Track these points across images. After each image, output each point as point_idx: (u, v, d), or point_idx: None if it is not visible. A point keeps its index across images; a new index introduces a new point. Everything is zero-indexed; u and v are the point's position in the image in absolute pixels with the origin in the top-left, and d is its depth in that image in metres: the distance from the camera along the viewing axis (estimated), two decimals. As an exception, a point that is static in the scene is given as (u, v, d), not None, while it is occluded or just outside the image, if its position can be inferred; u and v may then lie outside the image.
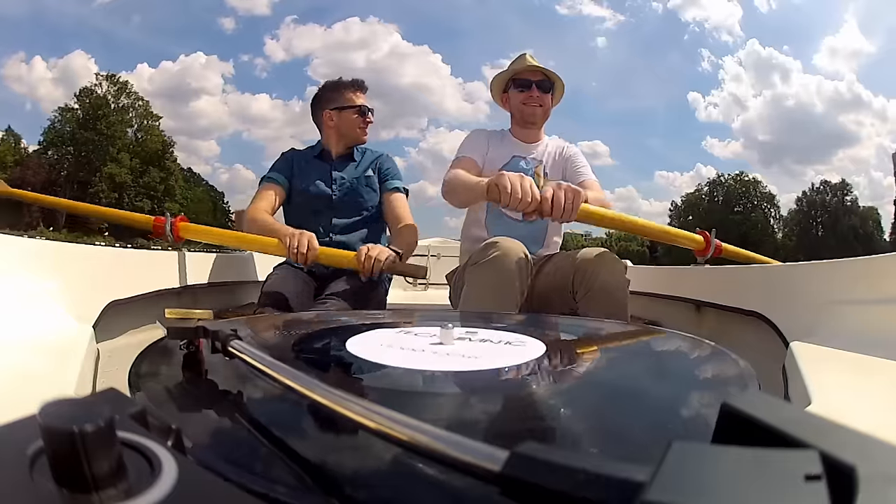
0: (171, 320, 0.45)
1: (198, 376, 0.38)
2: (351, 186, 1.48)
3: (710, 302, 1.31)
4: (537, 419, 0.34)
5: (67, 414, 0.14)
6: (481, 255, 1.12)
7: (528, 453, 0.16)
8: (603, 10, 51.91)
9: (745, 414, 0.16)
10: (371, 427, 0.22)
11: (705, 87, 48.74)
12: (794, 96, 45.57)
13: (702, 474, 0.13)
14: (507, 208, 1.05)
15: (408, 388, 0.39)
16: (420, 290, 2.54)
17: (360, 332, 0.54)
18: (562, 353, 0.54)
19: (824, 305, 0.80)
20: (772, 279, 1.12)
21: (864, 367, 0.56)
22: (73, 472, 0.14)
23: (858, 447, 0.14)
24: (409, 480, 0.23)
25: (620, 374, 0.48)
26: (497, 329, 0.59)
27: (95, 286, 0.91)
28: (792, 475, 0.13)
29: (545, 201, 1.00)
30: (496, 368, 0.42)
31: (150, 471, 0.15)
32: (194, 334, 0.39)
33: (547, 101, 1.43)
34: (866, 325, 0.70)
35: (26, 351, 0.55)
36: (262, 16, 49.42)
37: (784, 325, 0.90)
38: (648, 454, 0.15)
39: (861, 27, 47.07)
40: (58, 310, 0.72)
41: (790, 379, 0.58)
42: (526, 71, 1.42)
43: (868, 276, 0.78)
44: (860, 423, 0.15)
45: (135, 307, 1.04)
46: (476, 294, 1.11)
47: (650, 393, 0.40)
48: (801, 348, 0.62)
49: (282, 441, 0.27)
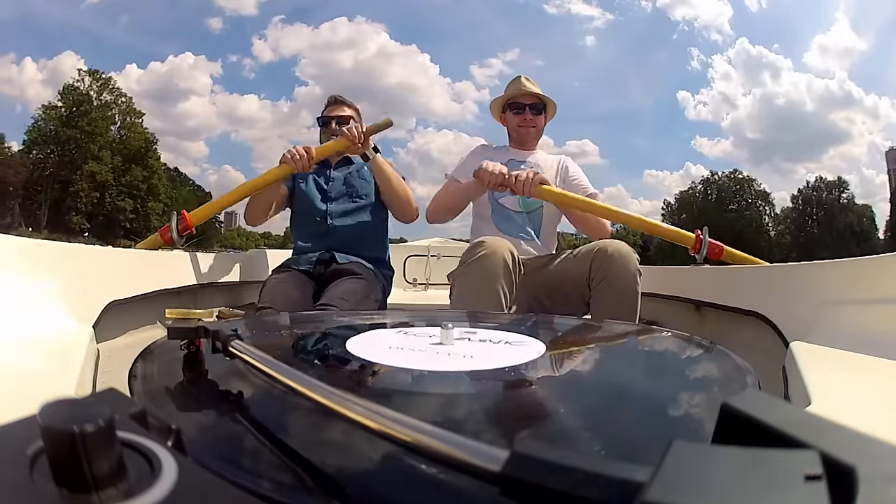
0: (171, 321, 0.45)
1: (198, 376, 0.38)
2: (345, 179, 1.55)
3: (710, 302, 1.31)
4: (537, 419, 0.34)
5: (67, 414, 0.14)
6: (468, 255, 1.18)
7: (528, 453, 0.16)
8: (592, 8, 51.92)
9: (745, 414, 0.16)
10: (371, 427, 0.22)
11: (695, 85, 48.88)
12: (784, 94, 45.58)
13: (702, 474, 0.13)
14: (483, 184, 1.31)
15: (408, 389, 0.39)
16: (420, 290, 2.54)
17: (360, 333, 0.54)
18: (562, 353, 0.54)
19: (824, 305, 0.80)
20: (772, 279, 1.12)
21: (864, 367, 0.56)
22: (73, 473, 0.14)
23: (858, 447, 0.14)
24: (409, 480, 0.23)
25: (620, 374, 0.48)
26: (497, 329, 0.59)
27: (95, 286, 0.91)
28: (792, 475, 0.13)
29: (511, 177, 1.28)
30: (496, 369, 0.41)
31: (150, 471, 0.15)
32: (195, 334, 0.39)
33: (540, 121, 1.58)
34: (866, 325, 0.70)
35: (26, 351, 0.55)
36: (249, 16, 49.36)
37: (784, 325, 0.90)
38: (648, 454, 0.15)
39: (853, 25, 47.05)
40: (58, 310, 0.72)
41: (790, 379, 0.58)
42: (521, 95, 1.56)
43: (868, 276, 0.78)
44: (860, 423, 0.15)
45: (135, 307, 1.04)
46: (464, 294, 1.16)
47: (650, 393, 0.40)
48: (801, 348, 0.62)
49: (282, 441, 0.27)
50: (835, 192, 33.01)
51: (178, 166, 35.99)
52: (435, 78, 54.21)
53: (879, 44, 46.29)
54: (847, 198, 32.84)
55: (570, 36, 54.57)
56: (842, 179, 33.72)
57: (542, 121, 1.59)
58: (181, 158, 43.04)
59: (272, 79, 51.82)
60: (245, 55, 48.90)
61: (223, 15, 47.07)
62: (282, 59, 50.35)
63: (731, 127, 46.68)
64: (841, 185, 33.31)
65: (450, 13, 58.73)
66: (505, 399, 0.38)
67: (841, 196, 32.86)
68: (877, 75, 45.27)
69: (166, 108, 43.34)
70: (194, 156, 45.91)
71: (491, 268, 1.12)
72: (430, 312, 0.86)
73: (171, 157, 38.01)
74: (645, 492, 0.13)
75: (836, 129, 43.35)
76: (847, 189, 33.09)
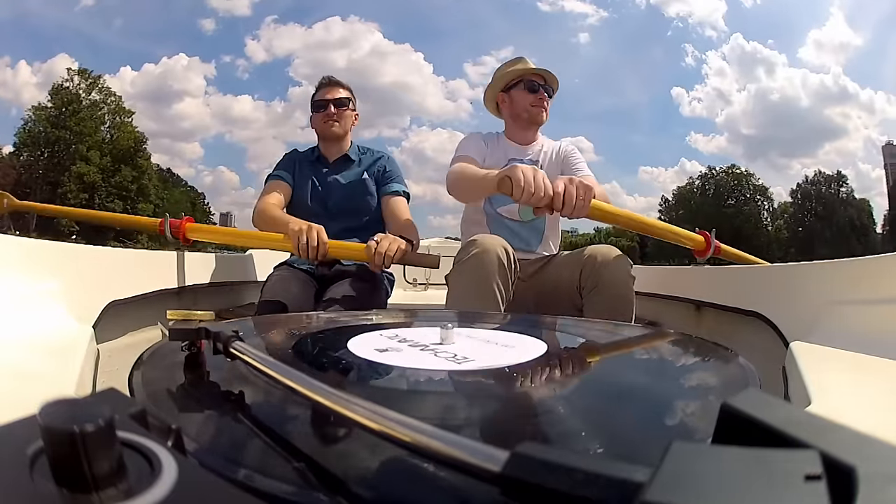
0: (173, 322, 0.45)
1: (198, 377, 0.38)
2: (346, 193, 1.46)
3: (710, 302, 1.31)
4: (537, 419, 0.34)
5: (67, 414, 0.14)
6: (462, 254, 1.13)
7: (528, 453, 0.16)
8: (586, 5, 52.14)
9: (745, 414, 0.16)
10: (372, 427, 0.22)
11: (689, 82, 49.10)
12: (778, 90, 45.68)
13: (702, 474, 0.13)
14: (518, 201, 1.02)
15: (408, 389, 0.39)
16: (420, 290, 2.54)
17: (360, 333, 0.54)
18: (561, 352, 0.54)
19: (824, 305, 0.80)
20: (772, 279, 1.12)
21: (864, 367, 0.56)
22: (73, 473, 0.14)
23: (858, 447, 0.14)
24: (409, 481, 0.23)
25: (620, 374, 0.48)
26: (497, 329, 0.59)
27: (95, 286, 0.91)
28: (792, 475, 0.13)
29: (557, 196, 0.99)
30: (496, 368, 0.42)
31: (150, 471, 0.15)
32: (196, 336, 0.39)
33: (548, 104, 1.46)
34: (866, 325, 0.70)
35: (26, 351, 0.55)
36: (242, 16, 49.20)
37: (784, 325, 0.90)
38: (648, 454, 0.15)
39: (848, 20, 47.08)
40: (58, 310, 0.72)
41: (790, 379, 0.58)
42: (534, 73, 1.43)
43: (868, 276, 0.78)
44: (860, 423, 0.15)
45: (135, 307, 1.04)
46: (459, 294, 1.11)
47: (650, 393, 0.40)
48: (801, 348, 0.62)
49: (282, 441, 0.27)
50: (833, 187, 33.01)
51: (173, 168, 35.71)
52: (429, 76, 54.27)
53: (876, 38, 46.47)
54: (847, 192, 32.87)
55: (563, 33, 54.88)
56: (841, 174, 33.77)
57: (548, 106, 1.46)
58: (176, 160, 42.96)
59: (266, 79, 51.79)
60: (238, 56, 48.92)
61: (216, 16, 47.09)
62: (275, 60, 50.35)
63: (726, 123, 46.89)
64: (840, 180, 33.32)
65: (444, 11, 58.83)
66: (505, 399, 0.38)
67: (840, 190, 32.87)
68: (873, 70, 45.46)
69: (161, 110, 43.28)
70: (189, 157, 45.85)
71: (486, 266, 1.08)
72: (431, 312, 0.86)
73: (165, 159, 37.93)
74: (644, 492, 0.13)
75: (831, 124, 43.51)
76: (846, 183, 33.18)
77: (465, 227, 1.50)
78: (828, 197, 32.58)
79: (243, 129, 49.65)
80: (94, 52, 41.81)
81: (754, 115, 45.47)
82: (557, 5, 53.24)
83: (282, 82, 51.10)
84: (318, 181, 1.47)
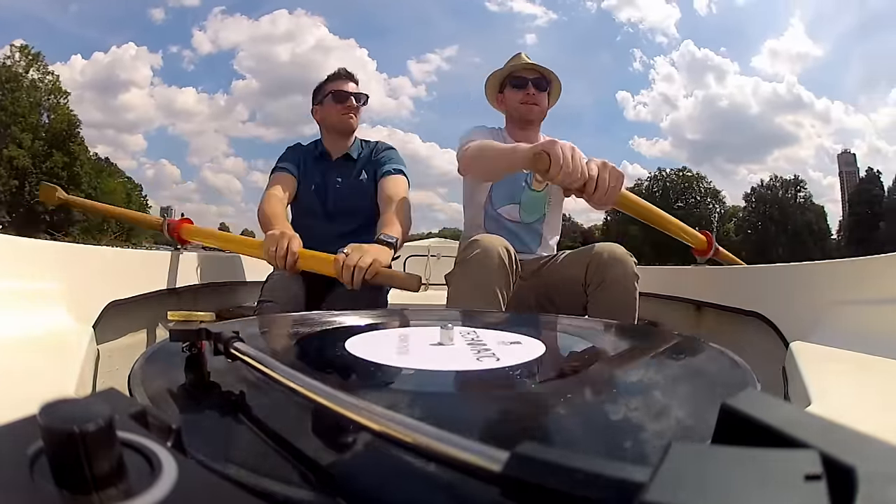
0: (173, 322, 0.45)
1: (198, 377, 0.38)
2: (345, 194, 1.44)
3: (710, 302, 1.31)
4: (537, 419, 0.34)
5: (67, 414, 0.14)
6: (464, 254, 1.14)
7: (528, 454, 0.16)
8: (535, 7, 52.69)
9: (744, 414, 0.16)
10: (372, 427, 0.22)
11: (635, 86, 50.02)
12: (727, 97, 46.14)
13: (701, 475, 0.13)
14: (551, 180, 0.97)
15: (408, 389, 0.39)
16: (421, 290, 2.54)
17: (360, 333, 0.54)
18: (561, 353, 0.54)
19: (824, 305, 0.80)
20: (772, 279, 1.12)
21: (864, 367, 0.56)
22: (74, 473, 0.14)
23: (858, 447, 0.14)
24: (409, 481, 0.23)
25: (620, 374, 0.48)
26: (496, 329, 0.59)
27: (95, 286, 0.91)
28: (792, 475, 0.13)
29: (591, 180, 0.95)
30: (495, 368, 0.41)
31: (150, 471, 0.15)
32: (197, 336, 0.39)
33: (543, 100, 1.40)
34: (866, 325, 0.70)
35: (26, 351, 0.55)
36: (191, 6, 49.13)
37: (784, 325, 0.90)
38: (648, 454, 0.15)
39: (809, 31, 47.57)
40: (58, 310, 0.72)
41: (790, 379, 0.58)
42: (523, 69, 1.39)
43: (868, 276, 0.78)
44: (860, 423, 0.15)
45: (135, 307, 1.04)
46: (460, 294, 1.12)
47: (650, 393, 0.40)
48: (801, 348, 0.63)
49: (282, 441, 0.27)
50: (791, 192, 33.12)
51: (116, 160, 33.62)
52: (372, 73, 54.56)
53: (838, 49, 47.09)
54: (805, 196, 33.00)
55: (510, 34, 55.27)
56: (798, 178, 33.94)
57: (545, 100, 1.41)
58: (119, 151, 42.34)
59: (210, 71, 51.73)
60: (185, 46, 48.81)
61: (165, 5, 46.73)
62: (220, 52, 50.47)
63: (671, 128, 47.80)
64: (798, 184, 33.40)
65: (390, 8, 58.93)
66: (505, 399, 0.38)
67: (798, 195, 32.95)
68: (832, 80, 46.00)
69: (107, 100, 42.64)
70: (132, 149, 45.43)
71: (487, 266, 1.08)
72: (431, 312, 0.86)
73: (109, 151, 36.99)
74: (644, 492, 0.13)
75: (781, 131, 44.03)
76: (805, 188, 33.30)
77: (466, 228, 1.50)
78: (783, 201, 32.63)
79: (186, 121, 49.56)
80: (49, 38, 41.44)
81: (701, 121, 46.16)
82: (506, 6, 53.81)
83: (226, 75, 51.34)
84: (319, 180, 1.46)
